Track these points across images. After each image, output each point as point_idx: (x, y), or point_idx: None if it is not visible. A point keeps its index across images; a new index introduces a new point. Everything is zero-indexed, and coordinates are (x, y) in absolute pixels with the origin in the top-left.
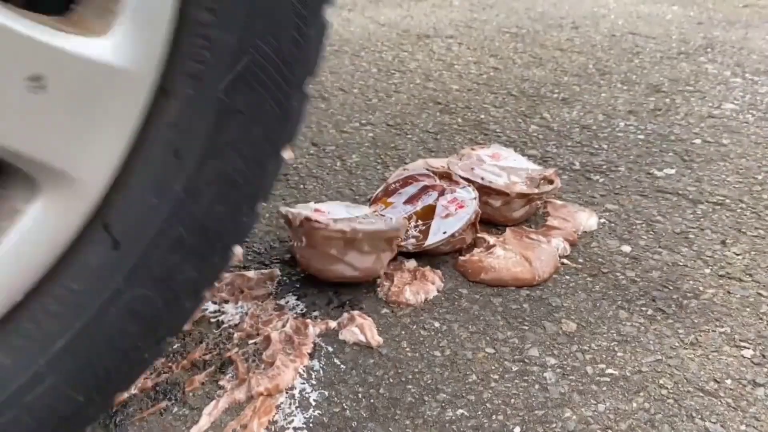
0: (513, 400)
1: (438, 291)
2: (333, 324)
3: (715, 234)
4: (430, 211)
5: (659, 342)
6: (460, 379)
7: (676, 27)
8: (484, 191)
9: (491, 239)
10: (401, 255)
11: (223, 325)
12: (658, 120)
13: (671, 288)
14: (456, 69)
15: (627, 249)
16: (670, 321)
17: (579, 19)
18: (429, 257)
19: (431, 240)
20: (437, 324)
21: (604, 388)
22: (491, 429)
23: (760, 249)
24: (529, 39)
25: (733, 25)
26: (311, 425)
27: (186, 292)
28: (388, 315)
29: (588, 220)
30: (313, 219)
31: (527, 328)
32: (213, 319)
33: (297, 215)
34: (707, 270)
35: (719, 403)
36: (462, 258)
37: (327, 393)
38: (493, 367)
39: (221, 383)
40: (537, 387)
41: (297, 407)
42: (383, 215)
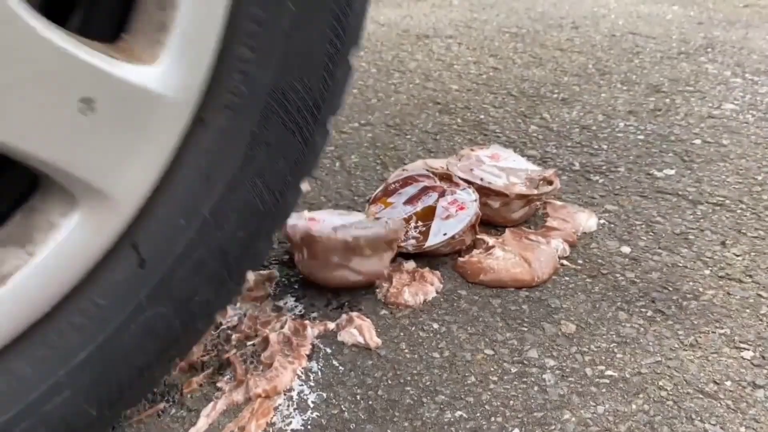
0: (512, 401)
1: (437, 292)
2: (331, 325)
3: (715, 235)
4: (430, 212)
5: (659, 343)
6: (458, 381)
7: (676, 27)
8: (483, 192)
9: (490, 240)
10: (400, 256)
11: (222, 327)
12: (658, 120)
13: (671, 289)
14: (455, 69)
15: (626, 250)
16: (669, 322)
17: (579, 19)
18: (428, 258)
19: (431, 241)
20: (436, 325)
21: (603, 389)
22: (490, 431)
23: (760, 250)
24: (529, 39)
25: (734, 25)
26: (309, 427)
27: (201, 314)
28: (386, 316)
29: (587, 221)
30: (314, 233)
31: (526, 329)
32: None
33: (296, 230)
34: (707, 271)
35: (719, 405)
36: (461, 259)
37: (325, 394)
38: (492, 369)
39: (219, 385)
40: (536, 389)
41: (295, 409)
42: (379, 218)
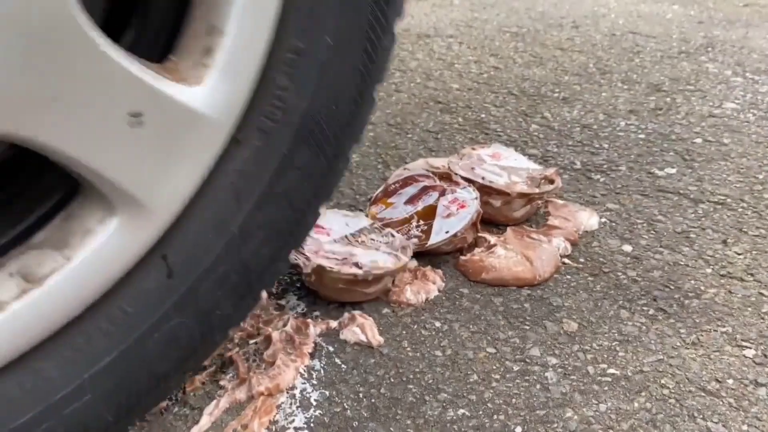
0: (514, 399)
1: (439, 291)
2: (334, 324)
3: (717, 233)
4: (431, 211)
5: (661, 342)
6: (461, 379)
7: (676, 26)
8: (484, 191)
9: (492, 239)
10: None
11: None
12: (658, 119)
13: (672, 287)
14: (456, 68)
15: (628, 248)
16: (671, 321)
17: (579, 19)
18: (430, 257)
19: (434, 239)
20: (438, 324)
21: (605, 387)
22: (492, 429)
23: (761, 248)
24: (530, 38)
25: (734, 24)
26: (312, 425)
27: (220, 326)
28: (389, 315)
29: (589, 219)
30: (325, 266)
31: (528, 327)
32: None
33: (306, 264)
34: (708, 269)
35: (721, 403)
36: (463, 257)
37: (328, 393)
38: (495, 367)
39: (222, 383)
40: (538, 387)
41: (298, 407)
42: (383, 229)
